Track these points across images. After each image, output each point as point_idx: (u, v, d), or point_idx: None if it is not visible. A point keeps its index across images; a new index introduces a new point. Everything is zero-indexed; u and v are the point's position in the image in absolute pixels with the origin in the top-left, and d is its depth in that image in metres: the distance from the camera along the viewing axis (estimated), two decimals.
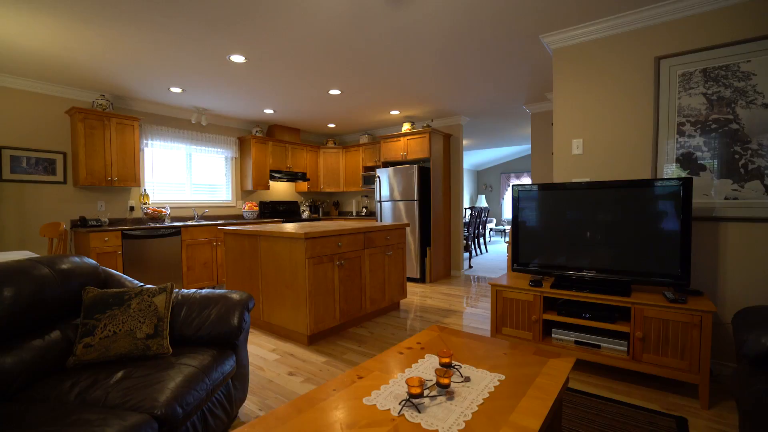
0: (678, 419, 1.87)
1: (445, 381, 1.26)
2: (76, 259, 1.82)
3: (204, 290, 2.03)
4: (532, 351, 1.64)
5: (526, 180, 11.40)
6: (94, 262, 1.91)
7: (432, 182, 5.21)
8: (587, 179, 2.81)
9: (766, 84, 2.17)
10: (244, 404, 2.08)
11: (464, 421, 1.10)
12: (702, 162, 2.38)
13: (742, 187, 2.26)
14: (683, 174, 2.40)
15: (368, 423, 1.10)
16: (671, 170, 2.45)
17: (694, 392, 2.14)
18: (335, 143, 6.71)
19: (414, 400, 1.20)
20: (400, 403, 1.19)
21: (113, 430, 1.15)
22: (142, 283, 2.06)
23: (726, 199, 2.31)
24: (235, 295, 1.97)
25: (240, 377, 1.90)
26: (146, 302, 1.75)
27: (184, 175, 5.17)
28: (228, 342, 1.85)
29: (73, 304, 1.74)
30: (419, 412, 1.15)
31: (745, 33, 2.22)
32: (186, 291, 2.02)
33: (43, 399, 1.35)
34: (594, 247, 2.42)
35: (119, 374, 1.48)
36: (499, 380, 1.36)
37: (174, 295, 1.96)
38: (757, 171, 2.22)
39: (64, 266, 1.73)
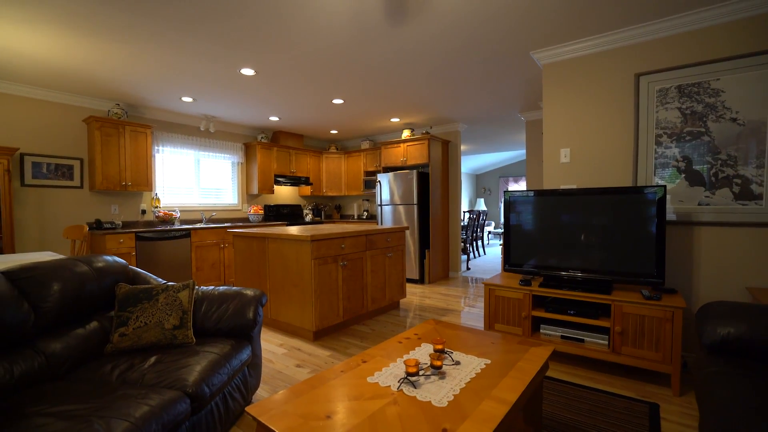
0: (651, 405, 2.07)
1: (438, 363, 1.46)
2: (109, 258, 2.03)
3: (221, 287, 2.23)
4: (517, 341, 1.84)
5: (524, 184, 11.60)
6: (123, 261, 2.11)
7: (431, 187, 5.42)
8: (574, 186, 3.02)
9: (734, 100, 2.38)
10: (257, 391, 2.28)
11: (453, 395, 1.30)
12: (677, 170, 2.58)
13: (714, 194, 2.47)
14: (679, 178, 2.57)
15: (372, 396, 1.30)
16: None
17: (668, 382, 2.34)
18: (337, 148, 6.93)
19: (411, 378, 1.40)
20: (399, 381, 1.39)
21: (154, 402, 1.35)
22: (164, 281, 2.26)
23: (699, 205, 2.52)
24: (249, 292, 2.17)
25: (254, 366, 2.10)
26: (172, 297, 1.96)
27: (193, 179, 5.38)
28: (244, 334, 2.05)
29: (107, 298, 1.95)
30: (415, 388, 1.35)
31: (715, 54, 2.44)
32: (205, 288, 2.22)
33: (89, 379, 1.55)
34: (579, 249, 2.62)
35: (152, 359, 1.68)
36: (485, 364, 1.56)
37: (195, 291, 2.16)
38: (726, 179, 2.43)
39: (100, 264, 1.94)
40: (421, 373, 1.45)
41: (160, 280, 2.26)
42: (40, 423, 1.18)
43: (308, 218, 6.66)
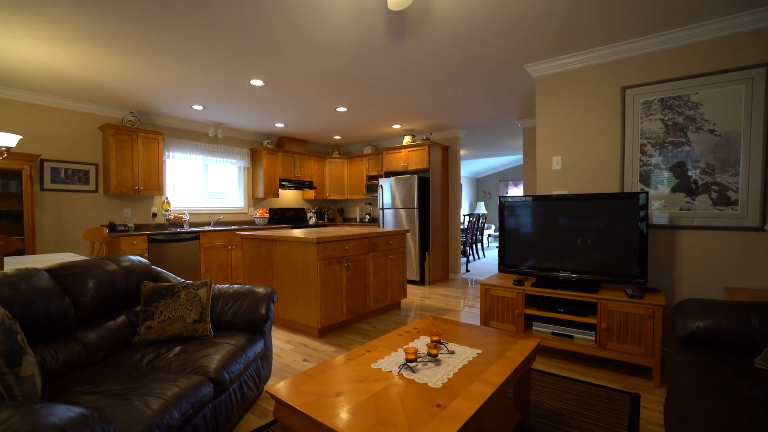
0: (632, 395, 2.24)
1: (434, 352, 1.64)
2: (134, 258, 2.21)
3: (234, 286, 2.41)
4: (507, 335, 2.01)
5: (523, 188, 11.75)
6: (146, 261, 2.30)
7: (431, 191, 5.60)
8: (565, 192, 3.20)
9: (711, 113, 2.56)
10: (268, 383, 2.46)
11: (447, 378, 1.48)
12: (661, 178, 2.76)
13: (694, 200, 2.65)
14: (663, 185, 2.75)
15: (375, 379, 1.48)
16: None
17: (650, 374, 2.50)
18: (340, 154, 7.13)
19: (410, 365, 1.57)
20: (399, 367, 1.57)
21: (183, 384, 1.53)
22: (183, 279, 2.44)
23: (680, 210, 2.69)
24: (261, 290, 2.35)
25: (266, 358, 2.28)
26: (192, 294, 2.14)
27: (201, 183, 5.58)
28: (257, 328, 2.23)
29: (133, 294, 2.13)
30: (414, 372, 1.53)
31: (694, 70, 2.62)
32: (220, 286, 2.40)
33: (121, 365, 1.73)
34: (570, 251, 2.79)
35: (177, 349, 1.86)
36: (477, 353, 1.73)
37: (212, 289, 2.34)
38: (705, 186, 2.60)
39: (126, 264, 2.13)
40: (419, 360, 1.63)
41: (179, 279, 2.44)
42: (87, 400, 1.36)
43: (312, 221, 6.84)
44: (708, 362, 1.62)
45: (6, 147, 2.80)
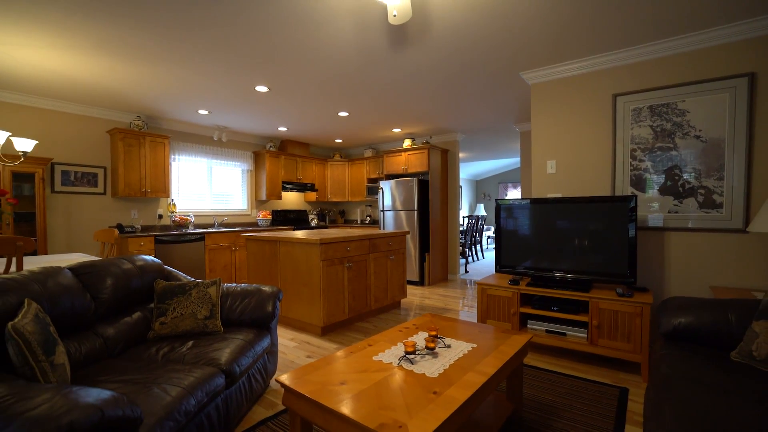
0: (621, 389, 2.35)
1: (432, 345, 1.75)
2: (148, 258, 2.33)
3: (242, 284, 2.53)
4: (501, 331, 2.12)
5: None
6: (159, 260, 2.41)
7: (431, 193, 5.72)
8: (559, 195, 3.31)
9: (698, 120, 2.68)
10: (274, 377, 2.57)
11: (443, 369, 1.59)
12: (650, 181, 2.88)
13: (681, 203, 2.76)
14: (652, 189, 2.87)
15: (376, 369, 1.59)
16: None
17: (639, 370, 2.61)
18: (341, 156, 7.25)
19: (409, 357, 1.69)
20: (399, 359, 1.69)
21: (198, 374, 1.65)
22: (193, 278, 2.56)
23: (669, 212, 2.81)
24: (267, 288, 2.46)
25: (272, 353, 2.39)
26: (203, 292, 2.26)
27: (206, 186, 5.71)
28: (264, 325, 2.34)
29: (147, 292, 2.25)
30: (412, 364, 1.64)
31: (680, 78, 2.74)
32: (228, 285, 2.52)
33: (138, 357, 1.84)
34: (563, 252, 2.91)
35: (189, 343, 1.98)
36: (472, 347, 1.85)
37: (221, 287, 2.46)
38: (692, 190, 2.72)
39: (140, 263, 2.24)
40: (417, 353, 1.74)
41: (189, 277, 2.56)
42: (111, 387, 1.48)
43: (314, 223, 6.96)
44: (688, 355, 1.74)
45: (23, 152, 2.92)
